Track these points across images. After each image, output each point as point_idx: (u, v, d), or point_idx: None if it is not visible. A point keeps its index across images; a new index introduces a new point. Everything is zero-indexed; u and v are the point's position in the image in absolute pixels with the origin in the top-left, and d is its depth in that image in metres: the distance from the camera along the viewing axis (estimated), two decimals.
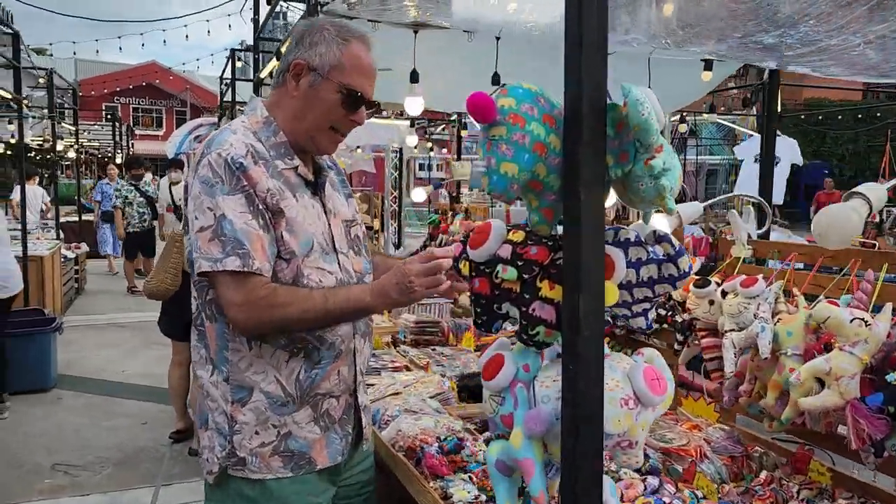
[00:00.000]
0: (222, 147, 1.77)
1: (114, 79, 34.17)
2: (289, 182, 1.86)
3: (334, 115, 1.89)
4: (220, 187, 1.74)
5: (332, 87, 1.86)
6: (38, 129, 14.03)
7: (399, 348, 4.12)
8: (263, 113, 1.92)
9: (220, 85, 11.68)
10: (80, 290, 12.13)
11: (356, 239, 2.08)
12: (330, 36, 1.87)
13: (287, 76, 1.90)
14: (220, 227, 1.72)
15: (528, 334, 1.32)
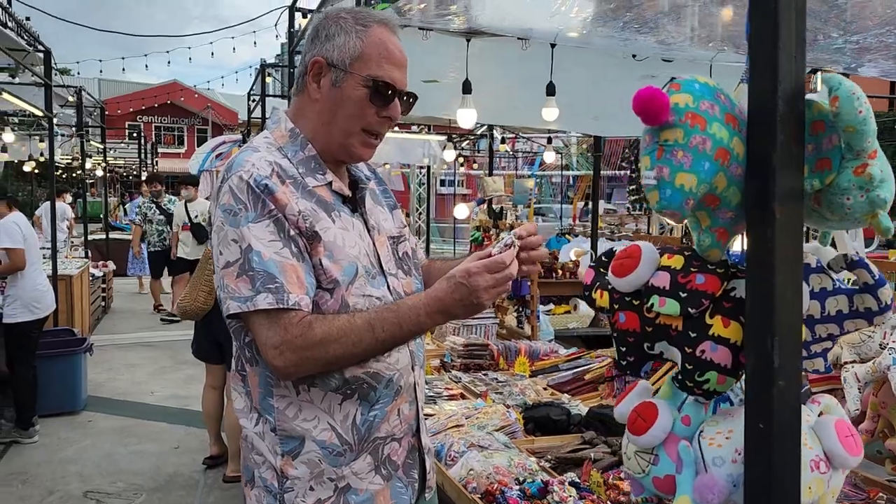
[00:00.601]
0: (243, 169, 1.56)
1: (138, 97, 34.38)
2: (323, 201, 1.63)
3: (365, 114, 1.64)
4: (244, 215, 1.52)
5: (356, 81, 1.62)
6: (67, 147, 14.04)
7: (450, 373, 3.90)
8: (288, 125, 1.70)
9: (248, 101, 11.59)
10: (107, 308, 12.05)
11: (405, 257, 1.83)
12: (347, 24, 1.64)
13: (307, 79, 1.68)
14: (248, 260, 1.51)
15: (695, 381, 1.08)
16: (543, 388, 3.58)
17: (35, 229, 11.61)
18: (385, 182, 2.01)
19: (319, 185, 1.66)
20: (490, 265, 1.48)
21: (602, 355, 3.93)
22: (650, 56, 3.90)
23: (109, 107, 35.63)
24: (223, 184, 1.60)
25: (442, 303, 1.51)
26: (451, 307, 1.50)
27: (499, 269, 1.48)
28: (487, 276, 1.47)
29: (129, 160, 25.02)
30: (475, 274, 1.46)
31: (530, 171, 23.38)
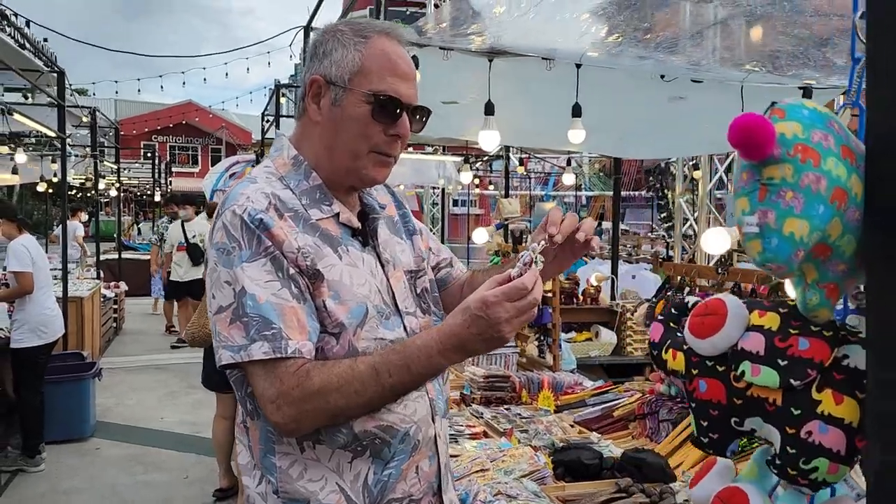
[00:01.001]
0: (237, 203, 1.41)
1: (153, 118, 34.64)
2: (327, 235, 1.47)
3: (370, 133, 1.48)
4: (237, 254, 1.37)
5: (358, 97, 1.47)
6: (80, 167, 14.04)
7: (470, 407, 3.72)
8: (291, 152, 1.55)
9: (262, 121, 11.53)
10: (119, 329, 11.95)
11: (424, 293, 1.65)
12: (345, 38, 1.50)
13: (306, 101, 1.53)
14: (242, 305, 1.35)
15: (799, 468, 0.89)
16: (570, 424, 3.39)
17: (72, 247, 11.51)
18: (405, 205, 1.84)
19: (325, 218, 1.50)
20: (510, 292, 1.25)
21: (630, 389, 3.74)
22: (679, 77, 3.75)
23: (125, 126, 35.98)
24: (217, 220, 1.44)
25: (457, 339, 1.29)
26: (469, 343, 1.29)
27: (520, 295, 1.26)
28: (508, 305, 1.25)
29: (143, 179, 25.10)
30: (494, 304, 1.25)
31: (543, 191, 23.25)
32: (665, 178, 7.17)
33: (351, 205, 1.59)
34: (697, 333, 1.02)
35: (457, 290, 1.81)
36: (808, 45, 3.76)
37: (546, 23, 3.31)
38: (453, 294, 1.80)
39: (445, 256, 1.86)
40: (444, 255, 1.86)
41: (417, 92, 1.55)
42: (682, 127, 4.99)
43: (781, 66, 3.53)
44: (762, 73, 3.63)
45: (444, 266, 1.85)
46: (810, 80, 3.69)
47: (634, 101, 4.31)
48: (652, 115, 4.69)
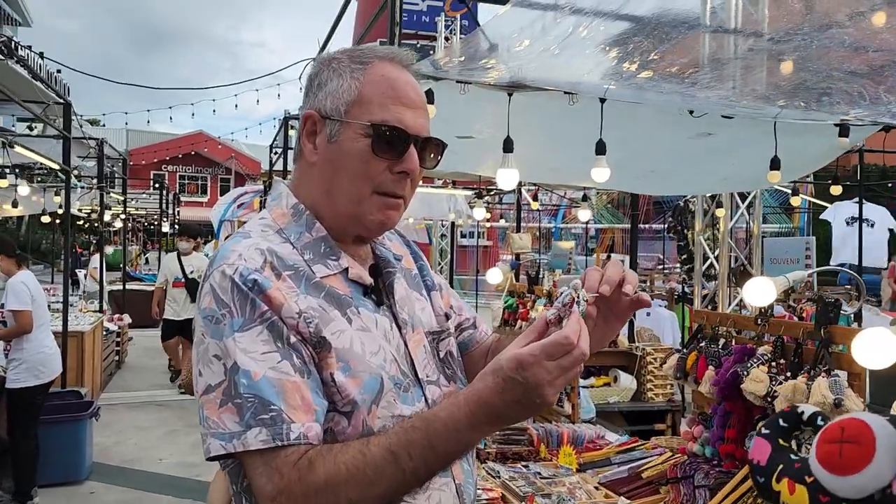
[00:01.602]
0: (227, 261, 1.21)
1: (163, 148, 34.83)
2: (335, 295, 1.27)
3: (372, 171, 1.27)
4: (228, 322, 1.17)
5: (355, 131, 1.28)
6: (87, 198, 13.94)
7: (485, 465, 3.46)
8: (290, 201, 1.35)
9: (270, 153, 11.42)
10: (121, 363, 11.72)
11: (449, 358, 1.43)
12: (341, 66, 1.32)
13: (302, 140, 1.35)
14: (234, 383, 1.14)
15: None
16: (595, 486, 3.13)
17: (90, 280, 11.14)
18: (422, 256, 1.62)
19: (331, 275, 1.29)
20: (551, 349, 1.03)
21: (658, 446, 3.48)
22: (709, 112, 3.55)
23: (135, 156, 36.26)
24: (204, 282, 1.24)
25: (490, 407, 1.07)
26: (504, 412, 1.08)
27: (564, 351, 1.03)
28: (549, 364, 1.03)
29: (151, 209, 25.07)
30: (532, 364, 1.03)
31: (553, 223, 23.05)
32: (684, 216, 6.97)
33: (361, 258, 1.38)
34: (832, 467, 0.79)
35: (480, 357, 1.57)
36: (846, 79, 3.56)
37: (571, 57, 3.13)
38: (476, 361, 1.56)
39: (468, 316, 1.63)
40: (467, 315, 1.63)
41: (428, 123, 1.34)
42: (707, 164, 4.80)
43: (820, 102, 3.33)
44: (798, 110, 3.42)
45: (467, 327, 1.61)
46: (847, 117, 3.48)
47: (659, 137, 4.12)
48: (676, 152, 4.50)
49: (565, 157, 4.59)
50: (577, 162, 4.14)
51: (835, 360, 2.57)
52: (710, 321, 3.20)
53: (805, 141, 4.03)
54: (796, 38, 3.46)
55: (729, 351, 2.99)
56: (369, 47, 1.37)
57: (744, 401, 2.81)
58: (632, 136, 3.98)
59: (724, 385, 2.88)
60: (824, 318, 2.60)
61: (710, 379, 3.01)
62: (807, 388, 2.53)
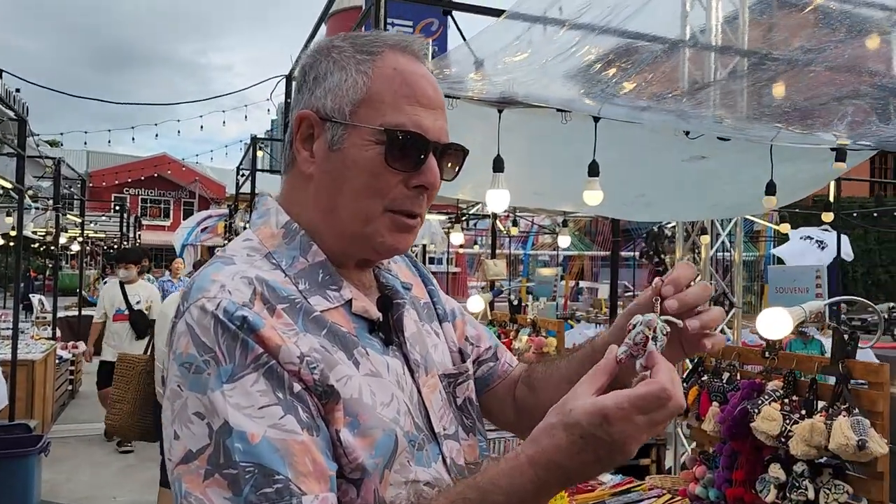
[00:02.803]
0: (206, 294, 0.97)
1: (125, 170, 34.19)
2: (338, 333, 1.04)
3: (384, 185, 1.05)
4: (214, 371, 0.93)
5: (364, 136, 1.05)
6: (41, 220, 13.43)
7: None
8: (280, 218, 1.11)
9: (237, 175, 11.10)
10: (75, 392, 11.19)
11: (467, 405, 1.20)
12: (344, 56, 1.09)
13: (295, 146, 1.11)
14: (224, 449, 0.90)
15: None
16: None
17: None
18: (432, 279, 1.37)
19: (332, 308, 1.05)
20: (645, 403, 0.83)
21: (655, 486, 3.26)
22: (705, 134, 3.41)
23: (96, 179, 35.51)
24: (178, 320, 0.99)
25: (563, 470, 0.86)
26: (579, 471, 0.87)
27: (661, 404, 0.84)
28: (641, 419, 0.84)
29: (110, 233, 24.42)
30: (621, 419, 0.83)
31: (523, 250, 22.98)
32: (660, 241, 6.87)
33: (365, 286, 1.14)
34: None
35: (506, 392, 1.33)
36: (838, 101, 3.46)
37: (561, 74, 2.97)
38: (501, 397, 1.33)
39: (488, 345, 1.37)
40: (487, 344, 1.37)
41: (447, 125, 1.11)
42: (697, 189, 4.67)
43: (814, 125, 3.21)
44: (793, 133, 3.30)
45: (487, 359, 1.36)
46: (845, 142, 3.36)
47: (651, 160, 3.98)
48: (667, 176, 4.36)
49: (550, 179, 4.41)
50: (562, 185, 3.97)
51: (854, 396, 2.39)
52: (712, 353, 3.01)
53: (797, 166, 3.93)
54: (794, 60, 3.36)
55: (735, 386, 2.81)
56: (376, 34, 1.13)
57: (753, 440, 2.63)
58: (621, 160, 3.82)
59: (731, 423, 2.69)
60: (841, 351, 2.43)
61: (715, 416, 2.82)
62: (826, 429, 2.35)
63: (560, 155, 3.74)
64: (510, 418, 1.33)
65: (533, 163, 4.43)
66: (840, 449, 2.27)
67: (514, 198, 3.76)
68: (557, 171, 4.14)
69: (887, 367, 2.34)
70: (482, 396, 1.30)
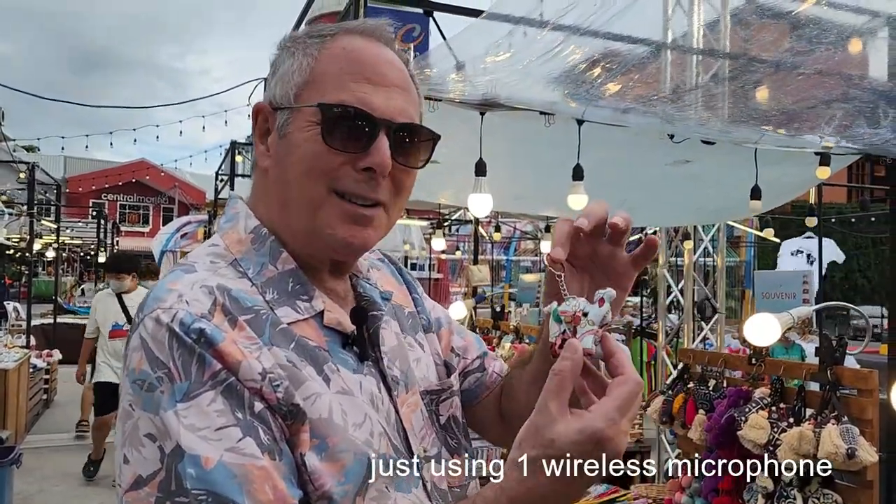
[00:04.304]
0: (161, 304, 0.89)
1: (102, 176, 33.79)
2: (307, 347, 0.96)
3: (326, 166, 0.96)
4: (168, 388, 0.85)
5: (306, 118, 0.97)
6: (15, 226, 13.19)
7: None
8: (249, 223, 1.03)
9: (216, 180, 10.98)
10: (49, 401, 10.98)
11: (452, 423, 1.12)
12: (297, 43, 1.03)
13: (255, 142, 1.06)
14: (175, 474, 0.82)
15: None
16: None
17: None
18: (417, 286, 1.29)
19: (301, 320, 0.97)
20: (626, 405, 0.80)
21: (640, 496, 3.21)
22: (689, 138, 3.37)
23: (73, 184, 35.09)
24: (132, 332, 0.91)
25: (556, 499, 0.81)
26: (573, 495, 0.82)
27: (636, 396, 0.81)
28: (625, 422, 0.80)
29: (87, 239, 24.10)
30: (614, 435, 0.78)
31: (505, 256, 22.94)
32: None
33: (340, 296, 1.06)
34: None
35: (492, 405, 1.25)
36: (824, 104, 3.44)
37: (546, 75, 2.92)
38: (487, 409, 1.24)
39: (475, 355, 1.28)
40: (473, 354, 1.28)
41: (413, 108, 1.02)
42: (681, 194, 4.64)
43: (800, 128, 3.19)
44: (778, 136, 3.28)
45: (474, 370, 1.27)
46: (829, 144, 3.34)
47: (635, 164, 3.94)
48: (651, 181, 4.33)
49: (533, 183, 4.36)
50: (545, 189, 3.92)
51: (844, 404, 2.35)
52: (697, 359, 2.97)
53: (782, 171, 3.91)
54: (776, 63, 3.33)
55: (721, 393, 2.76)
56: (337, 24, 1.06)
57: (740, 448, 2.58)
58: (605, 164, 3.78)
59: (718, 431, 2.64)
60: (830, 357, 2.39)
61: (701, 424, 2.77)
62: (814, 437, 2.30)
63: (543, 158, 3.68)
64: (499, 431, 1.25)
65: (516, 166, 4.39)
66: (829, 457, 2.22)
67: (496, 202, 3.70)
68: (540, 174, 4.09)
69: (876, 373, 2.31)
70: (471, 409, 1.22)
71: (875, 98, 3.29)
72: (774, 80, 3.62)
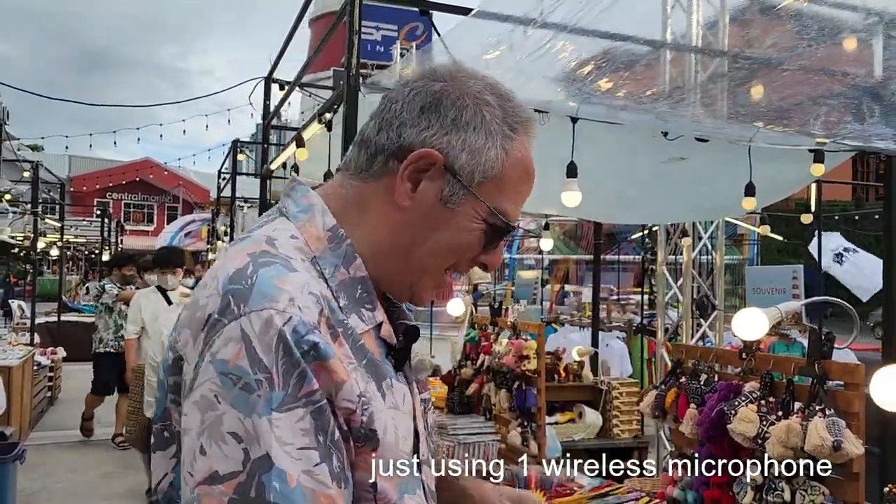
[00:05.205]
0: (274, 303, 0.88)
1: (107, 174, 33.87)
2: (373, 364, 0.99)
3: (462, 253, 1.05)
4: (265, 394, 0.85)
5: (478, 211, 1.02)
6: (19, 224, 13.27)
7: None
8: (327, 221, 1.03)
9: (219, 179, 11.03)
10: (54, 399, 11.04)
11: (431, 432, 1.19)
12: (492, 118, 1.02)
13: (392, 166, 1.02)
14: (259, 483, 0.83)
15: None
16: None
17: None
18: None
19: (366, 331, 1.00)
20: None
21: (633, 489, 3.24)
22: (683, 135, 3.40)
23: (77, 183, 35.17)
24: (223, 318, 0.88)
25: None
26: None
27: None
28: None
29: (92, 237, 24.19)
30: None
31: (508, 254, 22.98)
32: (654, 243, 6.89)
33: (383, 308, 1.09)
34: None
35: None
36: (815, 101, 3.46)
37: (540, 73, 2.94)
38: None
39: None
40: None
41: None
42: (677, 191, 4.66)
43: (793, 124, 3.21)
44: (772, 133, 3.29)
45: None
46: (823, 140, 3.36)
47: (629, 161, 3.96)
48: (646, 178, 4.35)
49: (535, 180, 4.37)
50: (543, 187, 3.93)
51: (830, 397, 2.38)
52: (690, 355, 3.00)
53: (777, 168, 3.93)
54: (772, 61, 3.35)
55: (712, 388, 2.79)
56: (516, 105, 1.08)
57: (730, 441, 2.60)
58: (600, 162, 3.81)
59: (708, 425, 2.67)
60: (817, 352, 2.42)
61: (692, 418, 2.80)
62: (801, 430, 2.33)
63: (539, 157, 3.70)
64: None
65: None
66: (815, 450, 2.25)
67: None
68: (537, 173, 4.11)
69: (863, 367, 2.33)
70: None
71: (860, 94, 3.31)
72: (769, 77, 3.64)
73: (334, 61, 3.42)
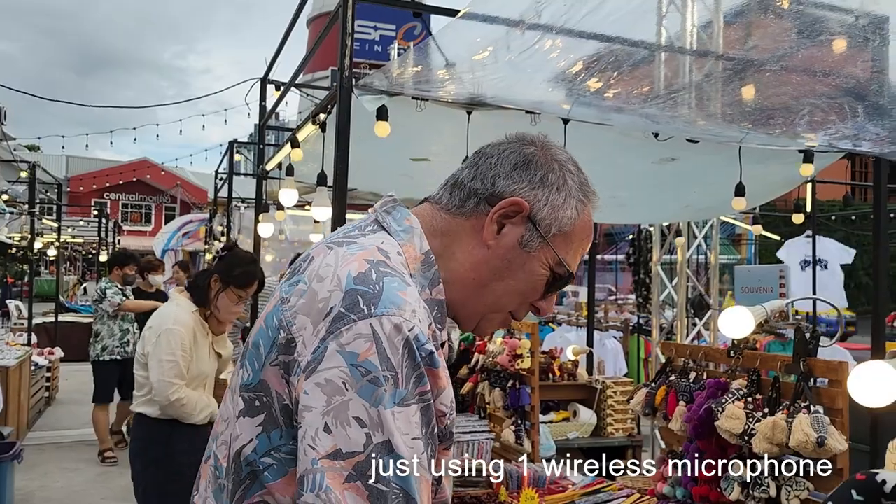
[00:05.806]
0: (402, 313, 1.03)
1: (104, 175, 33.83)
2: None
3: (527, 297, 1.22)
4: (391, 389, 0.99)
5: (548, 258, 1.19)
6: (16, 225, 13.27)
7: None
8: (423, 244, 1.17)
9: (215, 179, 11.04)
10: (52, 399, 11.06)
11: None
12: (572, 183, 1.21)
13: (483, 208, 1.18)
14: (377, 464, 0.97)
15: None
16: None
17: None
18: None
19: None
20: None
21: (625, 486, 3.27)
22: (674, 136, 3.43)
23: (75, 184, 35.12)
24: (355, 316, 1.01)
25: None
26: None
27: None
28: None
29: (89, 238, 24.18)
30: None
31: None
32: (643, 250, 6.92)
33: None
34: None
35: None
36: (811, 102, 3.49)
37: (532, 73, 2.98)
38: None
39: None
40: None
41: None
42: (669, 191, 4.69)
43: (781, 125, 3.24)
44: (761, 134, 3.33)
45: None
46: (812, 143, 3.40)
47: (621, 162, 3.99)
48: (639, 178, 4.38)
49: None
50: None
51: (815, 394, 2.41)
52: (680, 353, 3.03)
53: (768, 168, 3.96)
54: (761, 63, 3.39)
55: (701, 385, 2.82)
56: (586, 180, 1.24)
57: (718, 438, 2.64)
58: (593, 162, 3.82)
59: (696, 422, 2.70)
60: (803, 350, 2.45)
61: (681, 415, 2.84)
62: (787, 426, 2.37)
63: None
64: None
65: None
66: (800, 446, 2.29)
67: None
68: None
69: (847, 364, 2.37)
70: None
71: (843, 95, 3.34)
72: (761, 79, 3.68)
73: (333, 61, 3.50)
